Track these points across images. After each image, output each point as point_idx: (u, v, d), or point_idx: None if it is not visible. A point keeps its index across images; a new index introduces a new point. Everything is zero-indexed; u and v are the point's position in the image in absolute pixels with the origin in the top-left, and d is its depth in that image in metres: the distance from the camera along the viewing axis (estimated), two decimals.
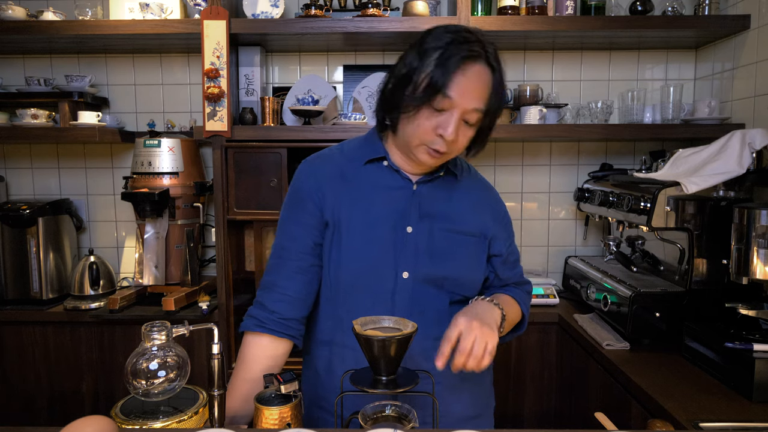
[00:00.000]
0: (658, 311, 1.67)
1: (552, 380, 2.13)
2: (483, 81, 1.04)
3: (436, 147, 1.05)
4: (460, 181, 1.20)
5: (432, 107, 1.02)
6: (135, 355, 0.93)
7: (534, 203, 2.52)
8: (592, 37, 2.23)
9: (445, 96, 1.01)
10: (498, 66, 1.06)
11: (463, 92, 1.01)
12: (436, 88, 1.00)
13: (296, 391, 0.98)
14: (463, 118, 1.04)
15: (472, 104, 1.03)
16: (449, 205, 1.16)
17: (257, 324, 1.11)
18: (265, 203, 2.08)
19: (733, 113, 2.14)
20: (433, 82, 1.00)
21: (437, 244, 1.12)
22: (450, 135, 1.02)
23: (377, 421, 0.89)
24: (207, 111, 2.05)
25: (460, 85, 1.01)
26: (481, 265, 1.18)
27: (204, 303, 2.17)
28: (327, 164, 1.18)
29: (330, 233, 1.13)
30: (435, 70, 1.01)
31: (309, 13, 2.10)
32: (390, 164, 1.15)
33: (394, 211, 1.13)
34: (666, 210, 1.67)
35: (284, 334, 1.11)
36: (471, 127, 1.07)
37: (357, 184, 1.15)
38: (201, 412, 0.93)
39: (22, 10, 2.20)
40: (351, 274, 1.11)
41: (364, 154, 1.17)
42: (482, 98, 1.04)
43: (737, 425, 1.19)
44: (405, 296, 1.11)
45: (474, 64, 1.02)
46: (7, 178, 2.52)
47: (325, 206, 1.13)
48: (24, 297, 2.25)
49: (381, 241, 1.11)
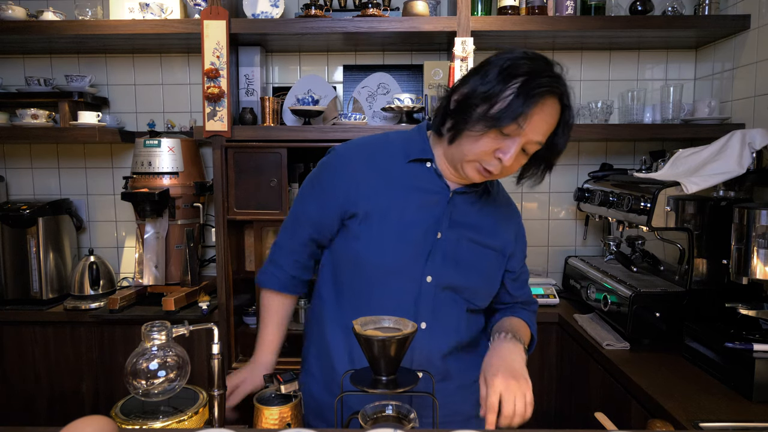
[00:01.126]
0: (658, 311, 1.67)
1: (552, 380, 2.13)
2: (554, 117, 1.04)
3: (490, 168, 1.06)
4: (492, 196, 1.22)
5: (500, 131, 1.02)
6: (135, 355, 0.93)
7: (534, 203, 2.52)
8: (592, 37, 2.23)
9: (517, 124, 1.00)
10: (569, 104, 1.05)
11: (534, 126, 1.02)
12: (513, 117, 0.99)
13: (296, 391, 0.98)
14: (523, 147, 1.04)
15: (538, 137, 1.04)
16: (479, 218, 1.18)
17: (275, 281, 1.24)
18: (265, 203, 2.08)
19: (733, 113, 2.14)
20: (511, 111, 0.99)
21: (462, 253, 1.14)
22: (508, 162, 1.04)
23: (377, 421, 0.89)
24: (207, 111, 2.05)
25: (534, 118, 1.01)
26: (498, 279, 1.22)
27: (204, 303, 2.17)
28: (369, 154, 1.17)
29: (358, 223, 1.13)
30: (515, 100, 0.99)
31: (309, 13, 2.10)
32: (434, 167, 1.15)
33: (429, 215, 1.13)
34: (666, 210, 1.67)
35: (296, 293, 1.27)
36: (526, 156, 1.08)
37: (396, 180, 1.14)
38: (201, 412, 0.93)
39: (22, 10, 2.20)
40: (379, 270, 1.12)
41: (409, 152, 1.16)
42: (547, 133, 1.05)
43: (737, 425, 1.19)
44: (428, 300, 1.13)
45: (551, 98, 1.02)
46: (7, 178, 2.52)
47: (357, 196, 1.13)
48: (24, 297, 2.25)
49: (413, 243, 1.12)
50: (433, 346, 1.13)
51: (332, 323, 1.19)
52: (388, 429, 0.77)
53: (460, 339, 1.18)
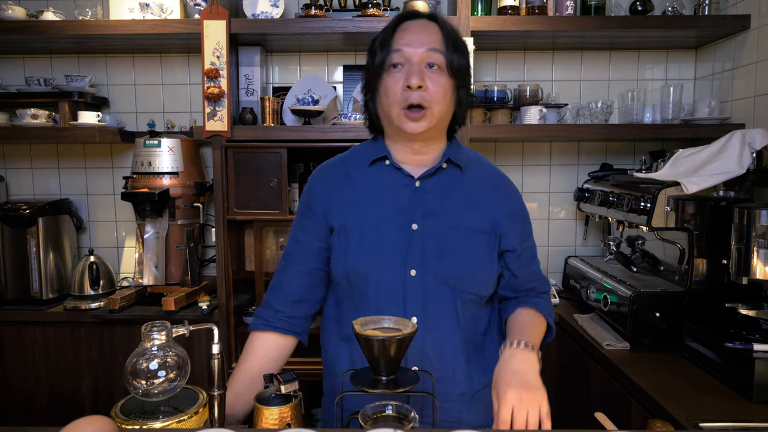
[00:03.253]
0: (658, 311, 1.67)
1: (552, 380, 2.13)
2: (428, 28, 1.10)
3: (411, 101, 1.06)
4: (466, 173, 1.17)
5: (391, 68, 1.08)
6: (135, 355, 0.93)
7: (534, 203, 2.52)
8: (592, 37, 2.23)
9: (394, 50, 1.08)
10: (441, 18, 1.13)
11: (410, 41, 1.08)
12: (386, 50, 1.08)
13: (296, 391, 0.98)
14: (426, 63, 1.08)
15: (424, 47, 1.07)
16: (455, 200, 1.15)
17: (264, 323, 1.16)
18: (265, 203, 2.08)
19: (733, 113, 2.13)
20: (383, 46, 1.09)
21: (444, 241, 1.11)
22: (414, 81, 1.05)
23: (377, 421, 0.89)
24: (207, 111, 2.05)
25: (405, 37, 1.09)
26: (491, 262, 1.15)
27: (204, 303, 2.17)
28: (335, 169, 1.21)
29: (338, 236, 1.14)
30: (381, 36, 1.11)
31: (309, 13, 2.10)
32: (392, 162, 1.16)
33: (398, 209, 1.13)
34: (666, 210, 1.67)
35: (289, 331, 1.16)
36: (441, 73, 1.08)
37: (363, 185, 1.16)
38: (201, 412, 0.93)
39: (22, 10, 2.20)
40: (361, 274, 1.11)
41: (368, 156, 1.18)
42: (434, 41, 1.08)
43: (737, 425, 1.19)
44: (416, 295, 1.10)
45: (414, 20, 1.11)
46: (7, 178, 2.52)
47: (331, 211, 1.15)
48: (24, 297, 2.25)
49: (387, 240, 1.11)
50: (427, 341, 1.10)
51: (335, 340, 1.19)
52: (388, 429, 0.77)
53: (463, 334, 1.13)
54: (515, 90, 2.33)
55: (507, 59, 2.43)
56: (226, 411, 1.03)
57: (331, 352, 1.20)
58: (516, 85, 2.34)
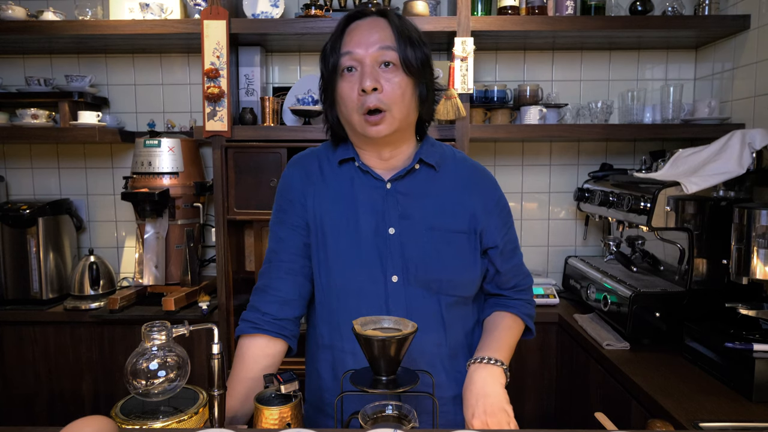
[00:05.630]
0: (658, 311, 1.67)
1: (552, 380, 2.13)
2: (378, 25, 1.05)
3: (369, 104, 1.02)
4: (440, 172, 1.13)
5: (345, 73, 1.04)
6: (135, 355, 0.92)
7: (534, 203, 2.52)
8: (592, 37, 2.23)
9: (344, 53, 1.03)
10: (392, 12, 1.08)
11: (359, 41, 1.03)
12: (337, 54, 1.04)
13: (296, 391, 0.98)
14: (380, 62, 1.03)
15: (375, 46, 1.03)
16: (430, 202, 1.11)
17: (252, 326, 1.10)
18: (265, 203, 2.08)
19: (733, 113, 2.14)
20: (333, 50, 1.05)
21: (423, 245, 1.08)
22: (368, 83, 1.01)
23: (377, 421, 0.89)
24: (207, 111, 2.05)
25: (354, 38, 1.04)
26: (474, 263, 1.12)
27: (204, 303, 2.17)
28: (309, 164, 1.17)
29: (315, 235, 1.12)
30: (331, 40, 1.07)
31: (309, 13, 2.10)
32: (360, 165, 1.12)
33: (373, 212, 1.10)
34: (666, 210, 1.67)
35: (278, 334, 1.10)
36: (397, 71, 1.04)
37: (335, 184, 1.13)
38: (201, 412, 0.93)
39: (22, 10, 2.20)
40: (341, 279, 1.09)
41: (337, 154, 1.15)
42: (385, 38, 1.04)
43: (737, 425, 1.19)
44: (399, 301, 1.08)
45: (362, 19, 1.07)
46: (7, 178, 2.52)
47: (307, 207, 1.13)
48: (24, 297, 2.25)
49: (365, 244, 1.08)
50: (413, 347, 1.06)
51: (314, 341, 1.17)
52: (388, 429, 0.77)
53: (450, 336, 1.12)
54: (515, 90, 2.33)
55: (507, 59, 2.44)
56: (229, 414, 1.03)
57: (314, 355, 1.18)
58: (516, 85, 2.34)
